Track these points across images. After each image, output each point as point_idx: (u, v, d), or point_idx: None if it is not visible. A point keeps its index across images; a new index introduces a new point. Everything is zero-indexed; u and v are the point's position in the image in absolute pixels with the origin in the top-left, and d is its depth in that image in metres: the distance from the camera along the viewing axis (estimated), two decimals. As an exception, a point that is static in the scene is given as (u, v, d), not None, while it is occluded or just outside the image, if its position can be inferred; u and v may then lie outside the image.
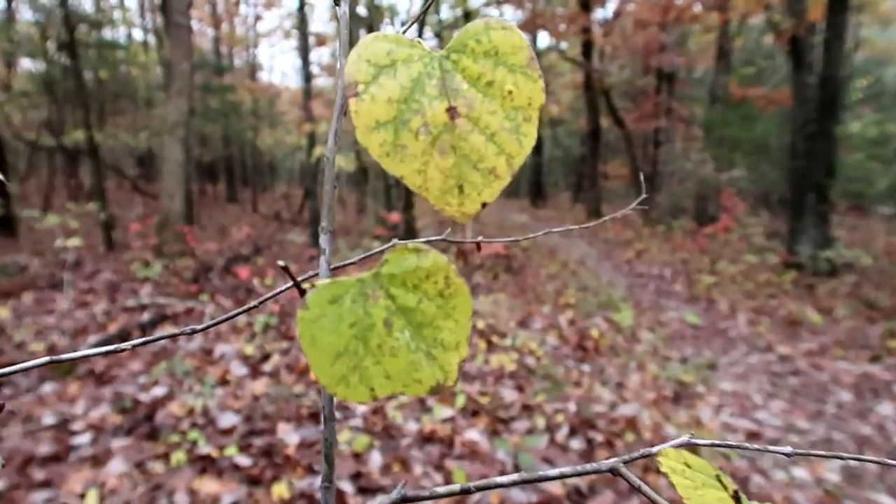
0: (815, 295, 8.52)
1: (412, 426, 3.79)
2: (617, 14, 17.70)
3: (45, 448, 3.39)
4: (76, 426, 3.67)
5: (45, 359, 0.55)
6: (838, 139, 10.05)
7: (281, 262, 0.48)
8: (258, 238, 11.51)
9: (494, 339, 5.49)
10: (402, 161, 0.47)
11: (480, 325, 5.72)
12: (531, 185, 24.26)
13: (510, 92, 0.48)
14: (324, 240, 0.54)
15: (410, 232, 9.27)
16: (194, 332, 0.58)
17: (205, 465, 3.29)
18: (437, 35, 19.53)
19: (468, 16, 14.96)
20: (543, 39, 21.53)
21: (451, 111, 0.47)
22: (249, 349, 5.00)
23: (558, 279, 9.32)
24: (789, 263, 9.75)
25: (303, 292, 0.47)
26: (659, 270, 10.64)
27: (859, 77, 20.72)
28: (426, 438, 3.69)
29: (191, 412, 3.83)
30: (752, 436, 4.17)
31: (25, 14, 16.22)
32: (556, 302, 7.77)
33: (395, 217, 8.30)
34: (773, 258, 10.37)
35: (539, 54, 22.70)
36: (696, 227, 13.77)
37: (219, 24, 22.06)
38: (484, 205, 0.48)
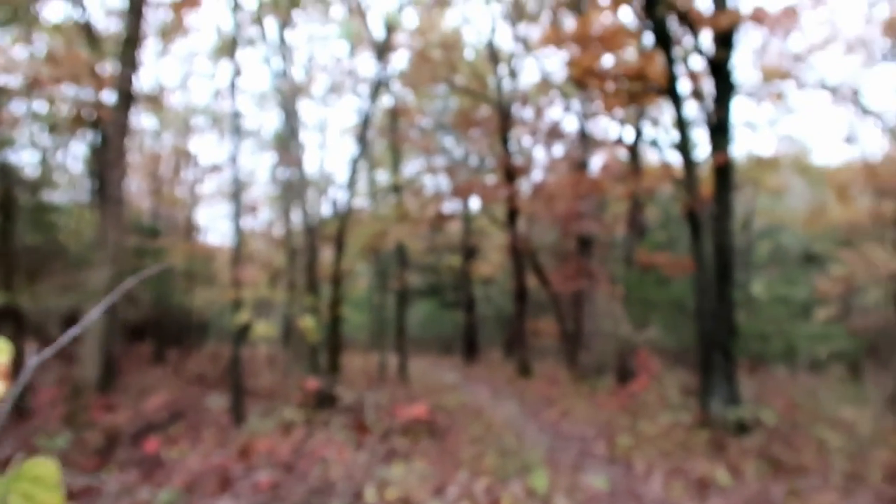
0: (727, 454, 8.73)
1: None
2: (539, 186, 19.15)
3: None
4: None
5: None
6: (740, 301, 10.81)
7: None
8: (178, 403, 11.20)
9: (401, 511, 5.45)
10: None
11: (391, 496, 5.67)
12: (464, 342, 24.63)
13: None
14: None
15: (330, 399, 9.24)
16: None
17: None
18: (373, 198, 20.61)
19: (397, 189, 15.96)
20: (476, 203, 22.93)
21: None
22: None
23: (481, 442, 9.30)
24: (703, 422, 10.04)
25: None
26: (582, 430, 10.76)
27: (761, 240, 22.65)
28: None
29: None
30: None
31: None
32: (474, 467, 7.74)
33: (311, 384, 8.33)
34: (687, 417, 10.65)
35: (470, 218, 24.05)
36: (618, 386, 14.11)
37: (159, 186, 22.65)
38: None
